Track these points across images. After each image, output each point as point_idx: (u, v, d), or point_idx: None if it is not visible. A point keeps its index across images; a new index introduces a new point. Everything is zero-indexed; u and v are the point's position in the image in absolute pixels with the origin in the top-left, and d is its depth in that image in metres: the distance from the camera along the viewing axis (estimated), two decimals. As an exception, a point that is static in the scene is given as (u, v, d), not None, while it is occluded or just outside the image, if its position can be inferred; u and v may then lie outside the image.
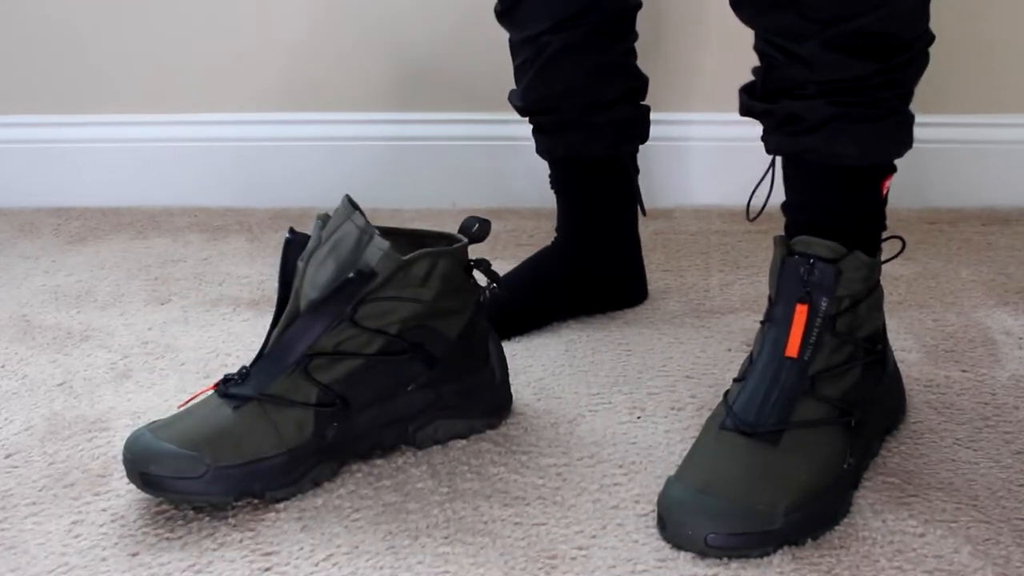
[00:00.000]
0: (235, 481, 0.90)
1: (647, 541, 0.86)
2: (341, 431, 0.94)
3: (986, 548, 0.85)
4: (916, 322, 1.25)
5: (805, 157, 0.95)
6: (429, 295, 0.97)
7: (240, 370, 0.94)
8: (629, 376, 1.13)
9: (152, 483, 0.89)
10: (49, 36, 1.71)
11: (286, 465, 0.92)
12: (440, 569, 0.84)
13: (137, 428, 0.95)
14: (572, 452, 0.99)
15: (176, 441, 0.89)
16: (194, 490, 0.89)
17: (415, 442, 0.99)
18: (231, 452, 0.90)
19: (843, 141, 0.93)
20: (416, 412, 0.99)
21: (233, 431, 0.91)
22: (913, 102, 0.97)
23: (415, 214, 1.65)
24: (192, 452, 0.89)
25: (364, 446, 0.97)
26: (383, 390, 0.97)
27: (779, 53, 0.94)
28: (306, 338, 0.93)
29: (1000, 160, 1.65)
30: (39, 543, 0.88)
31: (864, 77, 0.91)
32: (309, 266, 0.93)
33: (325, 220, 0.94)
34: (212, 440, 0.90)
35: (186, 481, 0.89)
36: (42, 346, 1.24)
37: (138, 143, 1.73)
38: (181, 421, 0.92)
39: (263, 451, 0.91)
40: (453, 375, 1.00)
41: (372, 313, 0.95)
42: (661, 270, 1.41)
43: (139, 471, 0.89)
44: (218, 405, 0.93)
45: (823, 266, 0.91)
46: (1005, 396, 1.08)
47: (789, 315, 0.92)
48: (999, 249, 1.47)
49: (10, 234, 1.62)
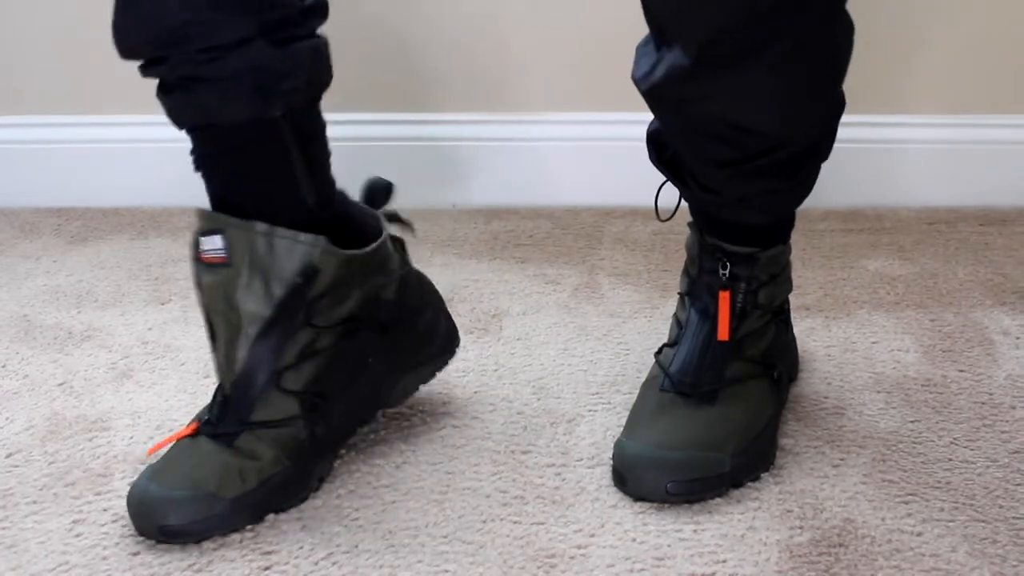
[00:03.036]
0: (254, 507, 0.89)
1: (645, 540, 0.87)
2: (326, 424, 0.95)
3: (983, 547, 0.85)
4: (913, 322, 1.25)
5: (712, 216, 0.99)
6: (372, 276, 0.97)
7: (211, 410, 0.92)
8: (629, 376, 1.14)
9: (174, 533, 0.87)
10: (49, 36, 1.71)
11: (293, 474, 0.92)
12: (439, 568, 0.84)
13: (134, 481, 0.91)
14: (571, 452, 1.00)
15: (184, 486, 0.87)
16: (217, 527, 0.88)
17: (389, 404, 1.02)
18: (239, 483, 0.89)
19: (754, 213, 0.97)
20: (381, 378, 1.00)
21: (235, 463, 0.89)
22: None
23: (415, 214, 1.65)
24: (205, 492, 0.87)
25: (349, 429, 0.99)
26: (350, 373, 0.97)
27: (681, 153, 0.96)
28: (268, 359, 0.91)
29: (998, 160, 1.65)
30: (40, 542, 0.88)
31: (774, 190, 0.95)
32: (237, 295, 0.89)
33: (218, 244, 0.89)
34: (219, 476, 0.88)
35: (207, 522, 0.87)
36: (43, 346, 1.24)
37: (138, 143, 1.73)
38: (179, 466, 0.89)
39: (267, 471, 0.90)
40: (402, 332, 1.01)
41: (324, 310, 0.93)
42: (661, 270, 1.42)
43: (157, 524, 0.87)
44: (211, 446, 0.90)
45: (739, 259, 0.98)
46: (1002, 396, 1.08)
47: (713, 297, 0.98)
48: (997, 249, 1.47)
49: (11, 234, 1.62)
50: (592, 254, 1.48)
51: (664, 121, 0.96)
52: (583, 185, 1.67)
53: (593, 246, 1.51)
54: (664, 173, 1.00)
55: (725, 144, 0.91)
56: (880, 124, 1.62)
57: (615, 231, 1.56)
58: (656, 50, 0.90)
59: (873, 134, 1.62)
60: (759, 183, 0.93)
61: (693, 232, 1.01)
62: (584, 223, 1.60)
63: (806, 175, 0.96)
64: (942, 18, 1.61)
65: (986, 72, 1.62)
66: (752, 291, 0.99)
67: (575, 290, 1.36)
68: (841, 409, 1.06)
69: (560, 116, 1.68)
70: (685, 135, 0.93)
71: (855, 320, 1.26)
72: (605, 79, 1.61)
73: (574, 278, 1.40)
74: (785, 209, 1.00)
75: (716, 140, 0.91)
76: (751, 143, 0.90)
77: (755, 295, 0.99)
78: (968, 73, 1.62)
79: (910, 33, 1.60)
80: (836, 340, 1.20)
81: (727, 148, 0.91)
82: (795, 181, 0.95)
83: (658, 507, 0.91)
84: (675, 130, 0.95)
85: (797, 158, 0.93)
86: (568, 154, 1.67)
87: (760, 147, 0.90)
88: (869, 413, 1.05)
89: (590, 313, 1.29)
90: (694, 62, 0.85)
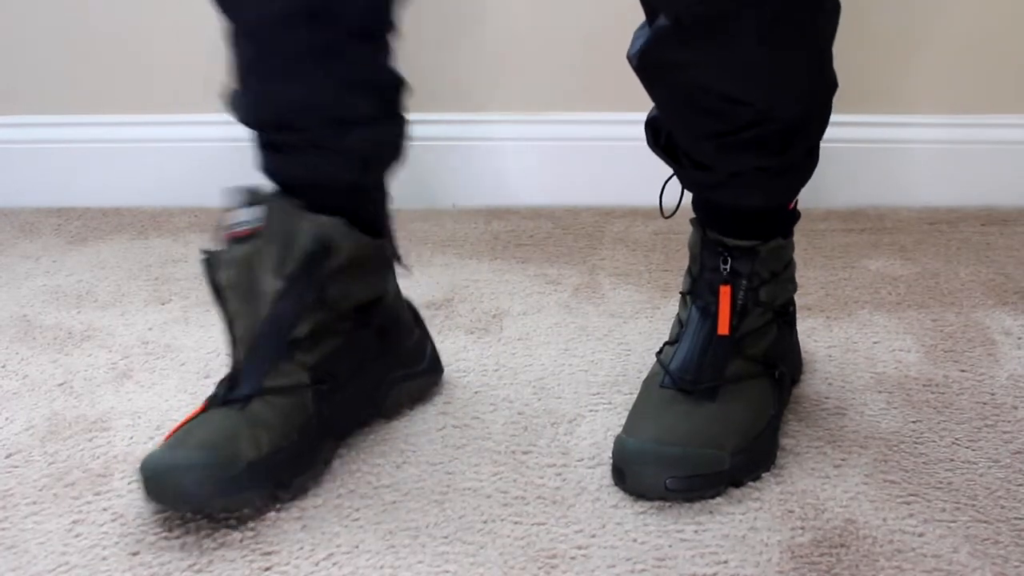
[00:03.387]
0: (267, 475, 0.89)
1: (646, 540, 0.87)
2: (330, 406, 0.96)
3: (985, 548, 0.85)
4: (915, 322, 1.25)
5: (712, 200, 1.00)
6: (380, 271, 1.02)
7: (220, 387, 0.94)
8: (630, 376, 1.14)
9: (190, 499, 0.86)
10: (49, 36, 1.71)
11: (301, 448, 0.92)
12: (440, 568, 0.84)
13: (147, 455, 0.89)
14: (572, 452, 1.00)
15: (201, 449, 0.87)
16: (234, 492, 0.87)
17: (383, 412, 1.03)
18: (254, 447, 0.89)
19: (749, 194, 0.98)
20: (377, 383, 1.02)
21: (247, 427, 0.90)
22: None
23: (415, 214, 1.65)
24: (223, 455, 0.87)
25: (350, 423, 1.00)
26: (357, 363, 0.99)
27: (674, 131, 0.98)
28: (283, 326, 0.93)
29: (1000, 160, 1.65)
30: (39, 542, 0.88)
31: (764, 166, 0.96)
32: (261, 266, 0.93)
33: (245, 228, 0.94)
34: (234, 437, 0.89)
35: (224, 485, 0.86)
36: (43, 346, 1.24)
37: (138, 143, 1.73)
38: (193, 434, 0.89)
39: (278, 441, 0.91)
40: (396, 341, 1.04)
41: (337, 291, 0.96)
42: (662, 270, 1.41)
43: (174, 491, 0.86)
44: (223, 412, 0.91)
45: (740, 252, 0.98)
46: (1004, 396, 1.08)
47: (714, 293, 0.99)
48: (998, 249, 1.47)
49: (11, 234, 1.62)
50: (593, 254, 1.48)
51: (655, 95, 0.97)
52: (583, 185, 1.67)
53: (594, 246, 1.51)
54: (660, 156, 1.02)
55: (712, 116, 0.93)
56: (881, 124, 1.62)
57: (616, 231, 1.56)
58: (648, 27, 0.93)
59: (874, 134, 1.62)
60: (748, 157, 0.95)
61: (695, 229, 1.02)
62: (585, 223, 1.60)
63: (796, 154, 0.97)
64: (942, 18, 1.60)
65: (987, 72, 1.62)
66: (753, 288, 0.99)
67: (576, 290, 1.36)
68: (842, 409, 1.06)
69: (560, 116, 1.68)
70: (675, 108, 0.96)
71: (856, 320, 1.25)
72: (605, 79, 1.61)
73: (575, 278, 1.40)
74: (780, 192, 1.00)
75: (703, 113, 0.93)
76: (737, 115, 0.92)
77: (756, 292, 0.99)
78: (969, 73, 1.62)
79: (910, 33, 1.60)
80: (837, 340, 1.20)
81: (715, 120, 0.93)
82: (785, 158, 0.96)
83: (659, 508, 0.90)
84: (665, 103, 0.97)
85: (785, 133, 0.94)
86: (568, 154, 1.67)
87: (746, 119, 0.92)
88: (871, 413, 1.05)
89: (591, 313, 1.29)
90: (674, 23, 0.89)
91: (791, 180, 1.00)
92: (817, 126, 0.97)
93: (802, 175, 1.00)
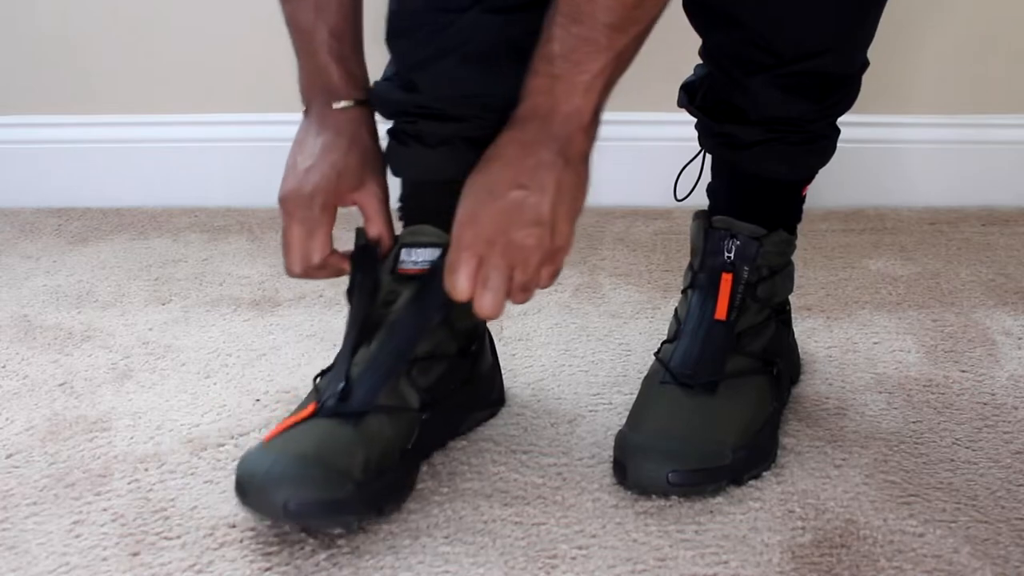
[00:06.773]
0: (371, 499, 0.87)
1: (647, 540, 0.87)
2: (426, 432, 0.94)
3: (985, 548, 0.85)
4: (915, 322, 1.25)
5: (736, 166, 1.02)
6: None
7: (332, 389, 0.90)
8: (629, 376, 1.13)
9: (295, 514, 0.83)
10: (49, 37, 1.71)
11: (400, 473, 0.91)
12: (440, 569, 0.84)
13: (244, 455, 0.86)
14: (572, 452, 0.99)
15: (312, 463, 0.83)
16: (338, 513, 0.84)
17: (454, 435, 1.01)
18: (363, 467, 0.86)
19: (774, 160, 1.00)
20: (465, 414, 1.01)
21: (360, 444, 0.87)
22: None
23: (415, 214, 1.65)
24: (335, 471, 0.84)
25: (435, 447, 0.98)
26: (456, 388, 0.98)
27: (723, 75, 1.00)
28: (406, 342, 0.91)
29: (1000, 160, 1.65)
30: (40, 543, 0.88)
31: (802, 115, 0.98)
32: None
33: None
34: (348, 454, 0.85)
35: (332, 505, 0.84)
36: (43, 346, 1.24)
37: (138, 143, 1.73)
38: (302, 443, 0.85)
39: (385, 463, 0.88)
40: (477, 367, 1.02)
41: (460, 313, 0.92)
42: (662, 270, 1.41)
43: (278, 503, 0.82)
44: (335, 424, 0.87)
45: (745, 238, 0.99)
46: (1004, 396, 1.08)
47: (715, 283, 1.00)
48: (998, 249, 1.47)
49: (11, 234, 1.62)
50: (593, 254, 1.48)
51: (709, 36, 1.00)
52: (584, 185, 1.67)
53: (594, 246, 1.51)
54: (695, 114, 1.04)
55: (764, 51, 0.95)
56: (881, 124, 1.62)
57: (616, 231, 1.56)
58: None
59: (874, 134, 1.62)
60: (789, 99, 0.96)
61: (700, 221, 1.03)
62: (585, 223, 1.59)
63: (832, 105, 0.99)
64: (942, 18, 1.60)
65: (987, 72, 1.62)
66: (752, 284, 1.00)
67: (576, 290, 1.36)
68: (843, 409, 1.06)
69: (561, 116, 1.67)
70: (725, 48, 0.98)
71: (857, 320, 1.25)
72: (606, 79, 1.61)
73: (575, 278, 1.40)
74: (802, 166, 1.02)
75: (754, 47, 0.95)
76: (787, 50, 0.94)
77: (754, 288, 1.00)
78: (969, 73, 1.62)
79: (910, 33, 1.60)
80: (838, 340, 1.20)
81: (765, 54, 0.95)
82: (822, 106, 0.98)
83: (660, 508, 0.90)
84: (716, 45, 0.99)
85: (828, 80, 0.97)
86: (569, 154, 1.67)
87: (796, 54, 0.94)
88: (871, 413, 1.05)
89: (591, 313, 1.29)
90: None
91: (814, 154, 1.02)
92: (849, 102, 1.00)
93: (822, 152, 1.02)
